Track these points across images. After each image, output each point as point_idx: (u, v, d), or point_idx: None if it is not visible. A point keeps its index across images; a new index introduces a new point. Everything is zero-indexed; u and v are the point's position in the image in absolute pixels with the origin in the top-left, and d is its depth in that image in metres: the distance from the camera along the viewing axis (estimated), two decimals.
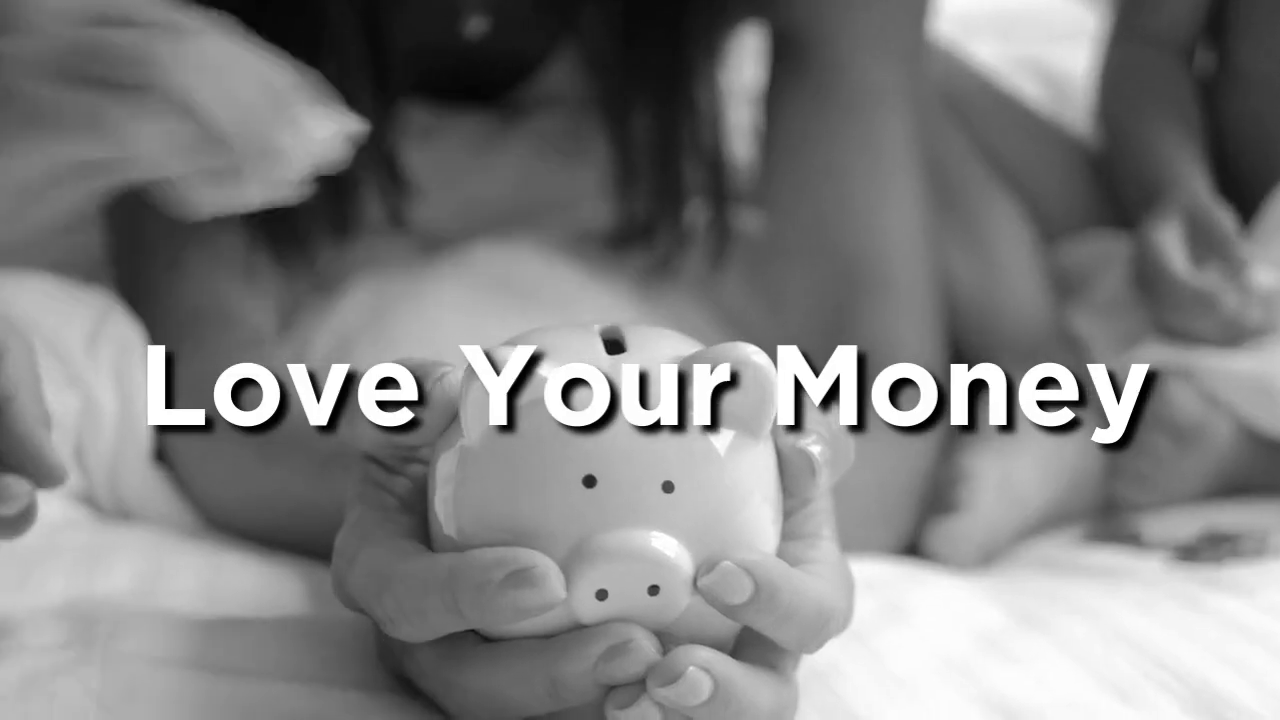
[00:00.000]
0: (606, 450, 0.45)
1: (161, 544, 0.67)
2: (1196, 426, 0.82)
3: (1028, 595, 0.66)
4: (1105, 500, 0.84)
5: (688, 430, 0.45)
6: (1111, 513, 0.84)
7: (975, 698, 0.55)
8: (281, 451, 0.67)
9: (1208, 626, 0.61)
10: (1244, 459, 0.83)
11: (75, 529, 0.69)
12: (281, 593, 0.61)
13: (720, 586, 0.45)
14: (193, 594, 0.61)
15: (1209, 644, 0.60)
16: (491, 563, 0.44)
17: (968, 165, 0.95)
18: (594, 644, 0.45)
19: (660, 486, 0.45)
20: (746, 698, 0.45)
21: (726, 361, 0.46)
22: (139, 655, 0.52)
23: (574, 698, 0.45)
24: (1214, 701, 0.55)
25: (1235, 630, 0.61)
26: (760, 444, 0.47)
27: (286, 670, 0.52)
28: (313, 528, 0.63)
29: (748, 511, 0.46)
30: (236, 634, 0.55)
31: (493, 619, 0.44)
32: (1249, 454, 0.83)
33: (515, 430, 0.46)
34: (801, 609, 0.46)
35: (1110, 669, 0.58)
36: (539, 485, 0.45)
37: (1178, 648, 0.59)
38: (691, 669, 0.44)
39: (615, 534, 0.44)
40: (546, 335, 0.48)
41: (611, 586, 0.44)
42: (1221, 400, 0.81)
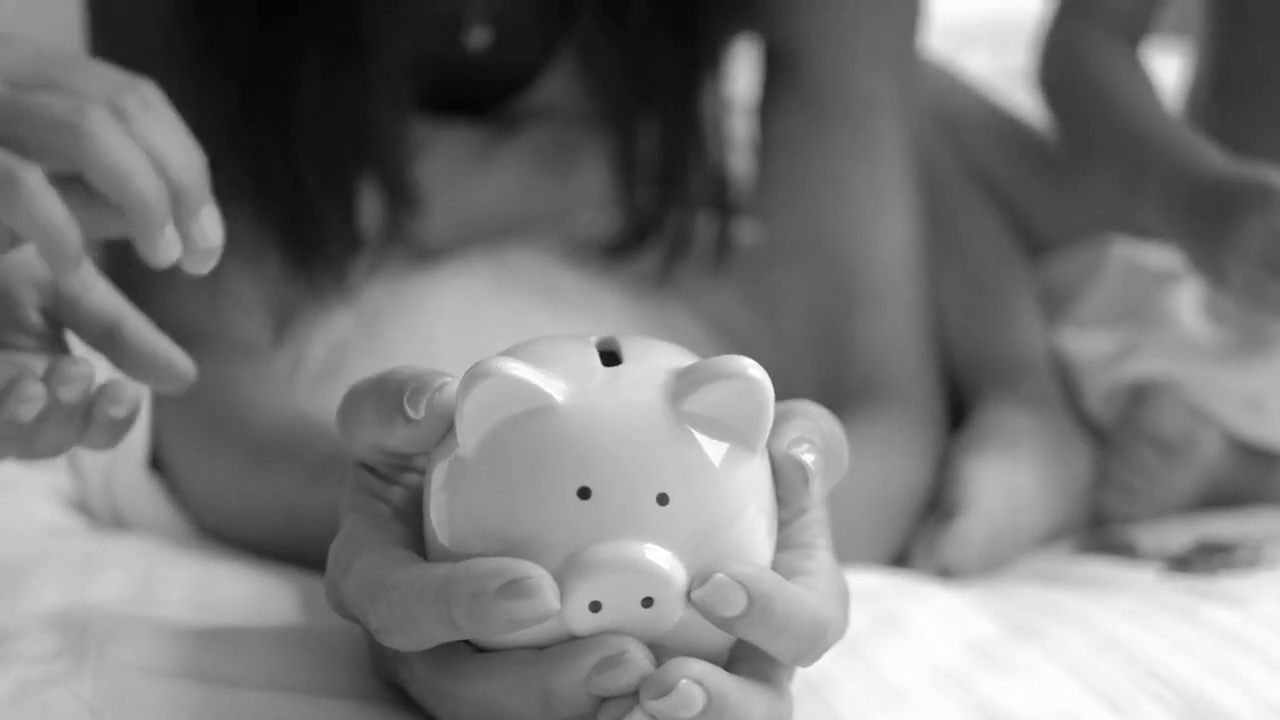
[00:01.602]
0: (601, 461, 0.45)
1: (154, 553, 0.67)
2: (1183, 439, 0.82)
3: (1020, 606, 0.66)
4: (1094, 513, 0.84)
5: (683, 441, 0.45)
6: (1104, 524, 0.84)
7: (968, 707, 0.55)
8: (276, 460, 0.67)
9: (1201, 637, 0.62)
10: (1231, 470, 0.83)
11: (69, 536, 0.69)
12: (275, 602, 0.61)
13: (713, 599, 0.45)
14: (185, 603, 0.61)
15: (1202, 654, 0.60)
16: (486, 573, 0.44)
17: (957, 190, 0.95)
18: (587, 655, 0.45)
19: (655, 498, 0.45)
20: (739, 711, 0.45)
21: (723, 374, 0.46)
22: (131, 665, 0.52)
23: (567, 709, 0.45)
24: (1206, 712, 0.55)
25: (1228, 641, 0.61)
26: (755, 455, 0.47)
27: (279, 680, 0.52)
28: (307, 536, 0.63)
29: (742, 523, 0.46)
30: (229, 643, 0.55)
31: (486, 629, 0.44)
32: (1236, 465, 0.83)
33: (510, 441, 0.46)
34: (796, 622, 0.46)
35: (1103, 679, 0.58)
36: (534, 496, 0.45)
37: (1170, 658, 0.59)
38: (684, 682, 0.44)
39: (609, 545, 0.44)
40: (543, 346, 0.49)
41: (605, 598, 0.44)
42: (1209, 412, 0.81)
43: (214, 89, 0.78)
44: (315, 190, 0.80)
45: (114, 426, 0.54)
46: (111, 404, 0.54)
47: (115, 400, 0.54)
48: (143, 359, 0.58)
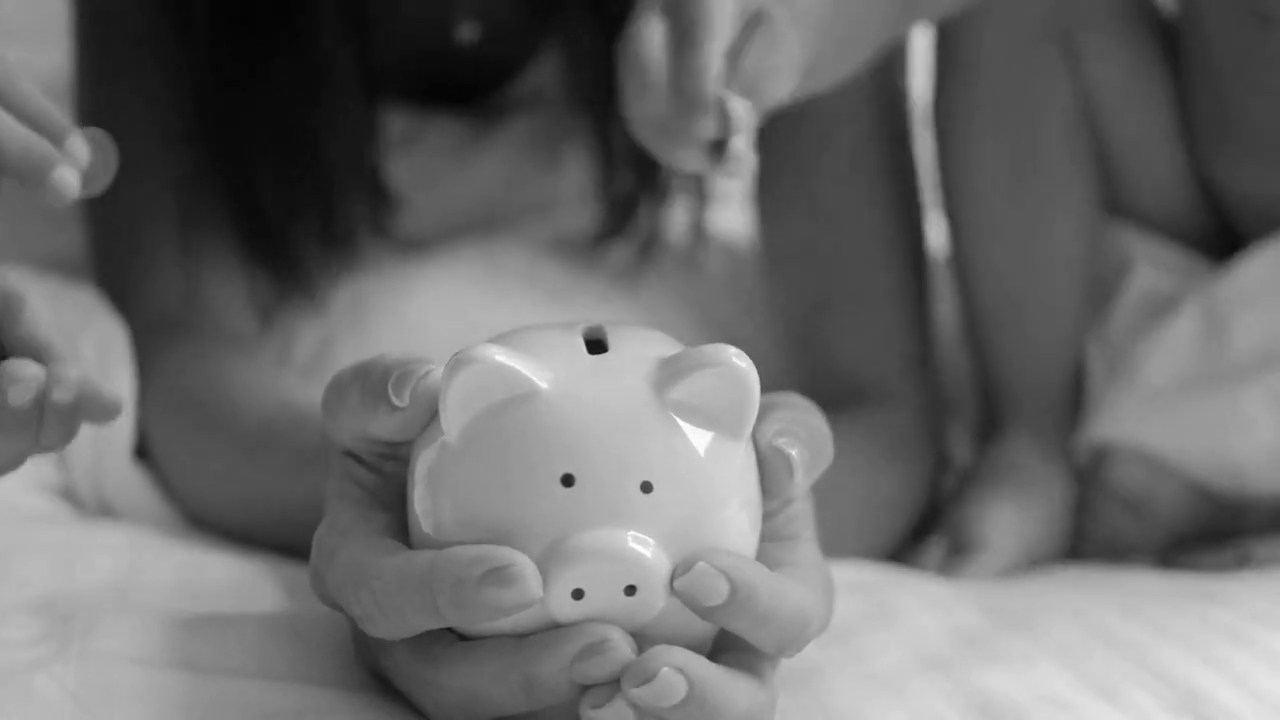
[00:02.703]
0: (585, 449, 0.45)
1: (140, 540, 0.67)
2: (1145, 496, 0.82)
3: (1009, 597, 0.66)
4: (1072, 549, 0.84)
5: (667, 430, 0.45)
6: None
7: (956, 696, 0.55)
8: (262, 449, 0.67)
9: (1191, 630, 0.62)
10: (1199, 518, 0.83)
11: (54, 524, 0.69)
12: (260, 590, 0.61)
13: (696, 588, 0.45)
14: (170, 591, 0.61)
15: (1191, 645, 0.60)
16: (469, 560, 0.44)
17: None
18: (570, 643, 0.44)
19: (639, 486, 0.45)
20: (721, 700, 0.45)
21: (709, 362, 0.46)
22: (115, 652, 0.52)
23: (549, 697, 0.45)
24: (1196, 701, 0.55)
25: (1219, 633, 0.61)
26: (740, 445, 0.47)
27: (263, 668, 0.52)
28: (293, 525, 0.63)
29: (726, 512, 0.46)
30: (214, 631, 0.54)
31: (469, 617, 0.44)
32: (1202, 514, 0.83)
33: (494, 428, 0.45)
34: (779, 612, 0.46)
35: (1093, 669, 0.58)
36: (517, 483, 0.45)
37: (1161, 649, 0.59)
38: (666, 670, 0.44)
39: (592, 533, 0.44)
40: (529, 335, 0.48)
41: (588, 586, 0.44)
42: (1172, 469, 0.81)
43: (196, 84, 0.78)
44: (291, 189, 0.80)
45: (66, 416, 0.51)
46: (57, 388, 0.50)
47: (59, 384, 0.50)
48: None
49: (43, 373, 0.50)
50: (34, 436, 0.51)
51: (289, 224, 0.80)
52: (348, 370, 0.50)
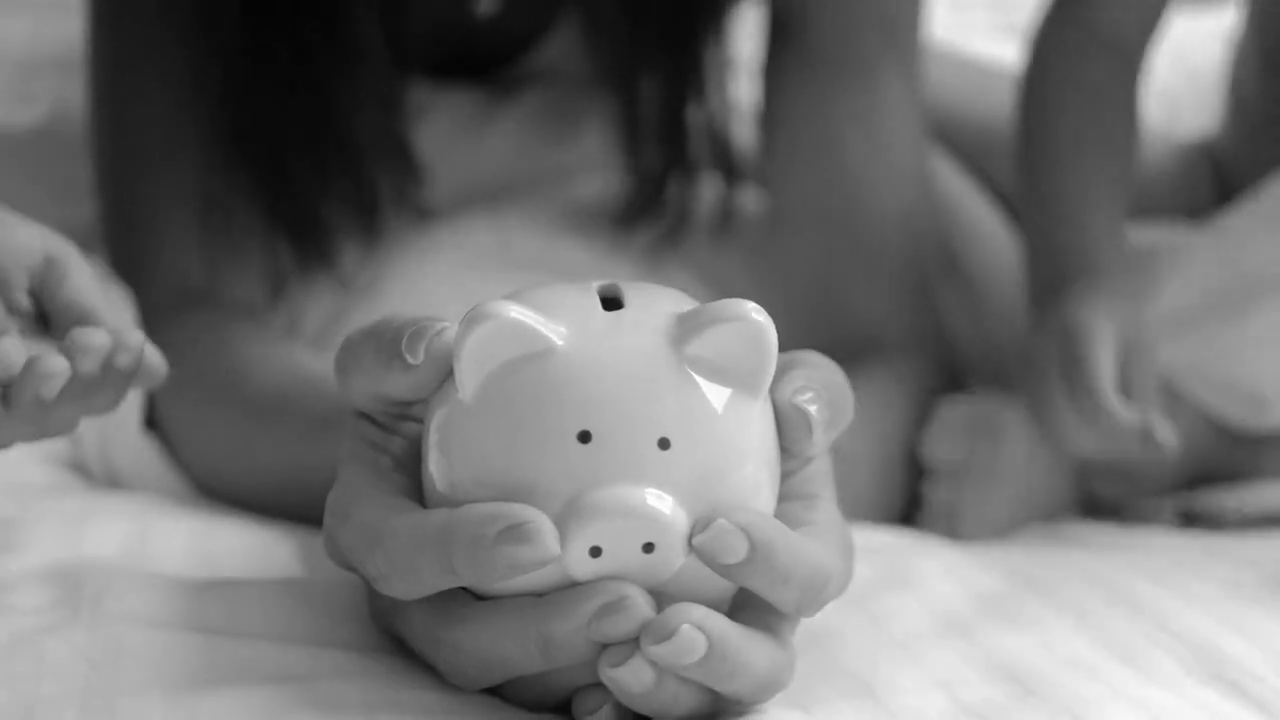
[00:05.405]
0: (602, 405, 0.44)
1: (151, 508, 0.66)
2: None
3: (1029, 562, 0.66)
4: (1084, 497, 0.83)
5: (685, 385, 0.45)
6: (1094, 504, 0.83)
7: (976, 659, 0.54)
8: (274, 417, 0.67)
9: (1210, 590, 0.61)
10: (1215, 451, 0.82)
11: (65, 493, 0.69)
12: (274, 554, 0.61)
13: (715, 545, 0.44)
14: (183, 556, 0.60)
15: (1211, 606, 0.59)
16: (485, 518, 0.43)
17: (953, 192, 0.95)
18: (587, 601, 0.44)
19: (656, 442, 0.44)
20: (741, 658, 0.45)
21: (726, 317, 0.45)
22: (128, 615, 0.52)
23: (566, 656, 0.45)
24: (1216, 663, 0.55)
25: (1237, 594, 0.61)
26: (758, 402, 0.47)
27: (277, 631, 0.52)
28: (307, 494, 0.62)
29: (745, 469, 0.46)
30: (227, 595, 0.54)
31: (486, 575, 0.43)
32: (1219, 446, 0.82)
33: (510, 385, 0.45)
34: (798, 570, 0.45)
35: (1112, 631, 0.57)
36: (533, 440, 0.44)
37: (1180, 610, 0.59)
38: (685, 627, 0.44)
39: (610, 490, 0.44)
40: (544, 292, 0.48)
41: (606, 543, 0.44)
42: (1184, 395, 0.80)
43: (212, 62, 0.78)
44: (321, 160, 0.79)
45: (124, 380, 0.53)
46: (121, 354, 0.53)
47: (124, 349, 0.53)
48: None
49: (110, 340, 0.51)
50: (88, 402, 0.52)
51: (318, 194, 0.79)
52: (361, 330, 0.49)
